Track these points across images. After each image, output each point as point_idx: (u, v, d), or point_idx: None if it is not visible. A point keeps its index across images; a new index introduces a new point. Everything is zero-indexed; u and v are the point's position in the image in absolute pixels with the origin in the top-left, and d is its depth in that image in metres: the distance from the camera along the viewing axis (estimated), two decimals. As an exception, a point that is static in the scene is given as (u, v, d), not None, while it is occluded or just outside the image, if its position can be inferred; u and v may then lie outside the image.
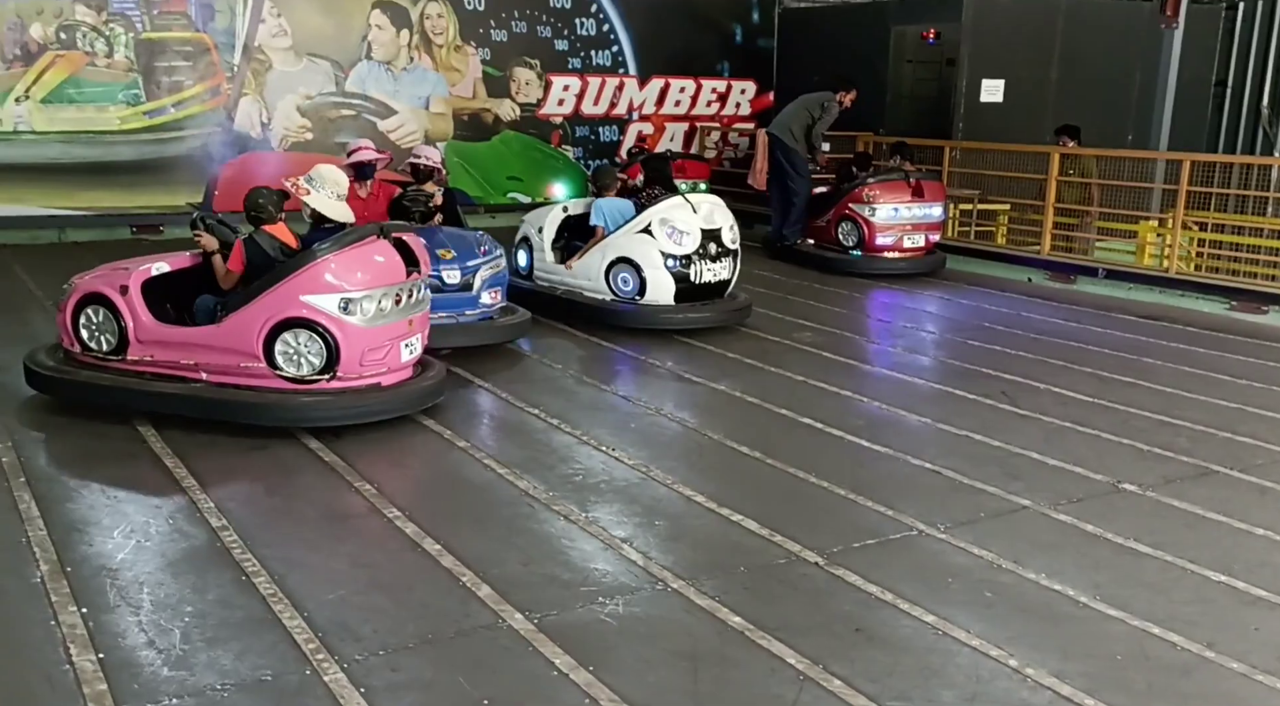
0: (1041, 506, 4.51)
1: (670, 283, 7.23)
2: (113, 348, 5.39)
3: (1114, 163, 9.95)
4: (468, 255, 6.56)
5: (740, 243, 7.69)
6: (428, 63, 12.66)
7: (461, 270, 6.47)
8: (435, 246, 6.23)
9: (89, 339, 5.46)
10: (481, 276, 6.56)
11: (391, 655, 3.20)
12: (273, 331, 5.06)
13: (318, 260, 5.10)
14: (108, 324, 5.41)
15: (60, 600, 3.45)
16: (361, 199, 7.00)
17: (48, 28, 10.74)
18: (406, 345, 5.38)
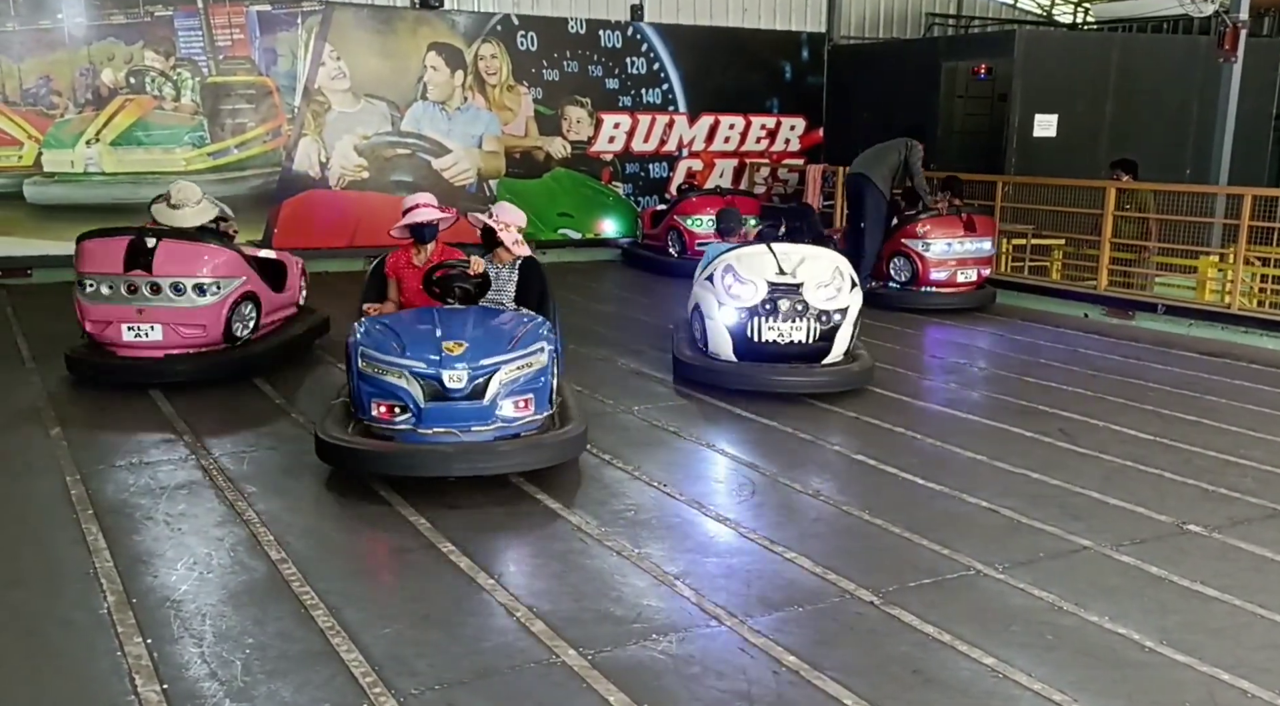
0: (1103, 547, 4.42)
1: (726, 337, 6.68)
2: None
3: (1173, 197, 9.81)
4: (486, 349, 4.91)
5: (848, 305, 6.73)
6: (481, 102, 12.91)
7: (470, 371, 4.83)
8: (445, 337, 4.91)
9: None
10: (500, 380, 4.88)
11: (446, 690, 3.22)
12: None
13: None
14: None
15: (126, 631, 3.53)
16: (417, 267, 5.78)
17: (118, 73, 11.15)
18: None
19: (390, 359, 4.89)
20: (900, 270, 9.93)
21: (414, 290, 5.66)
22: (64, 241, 10.99)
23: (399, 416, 4.87)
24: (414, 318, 5.22)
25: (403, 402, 4.84)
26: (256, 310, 7.17)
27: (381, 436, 4.96)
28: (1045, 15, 18.29)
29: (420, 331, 5.01)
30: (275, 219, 11.95)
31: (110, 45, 11.11)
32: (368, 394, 4.94)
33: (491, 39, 12.87)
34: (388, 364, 4.89)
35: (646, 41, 13.77)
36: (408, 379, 4.84)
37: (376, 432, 4.98)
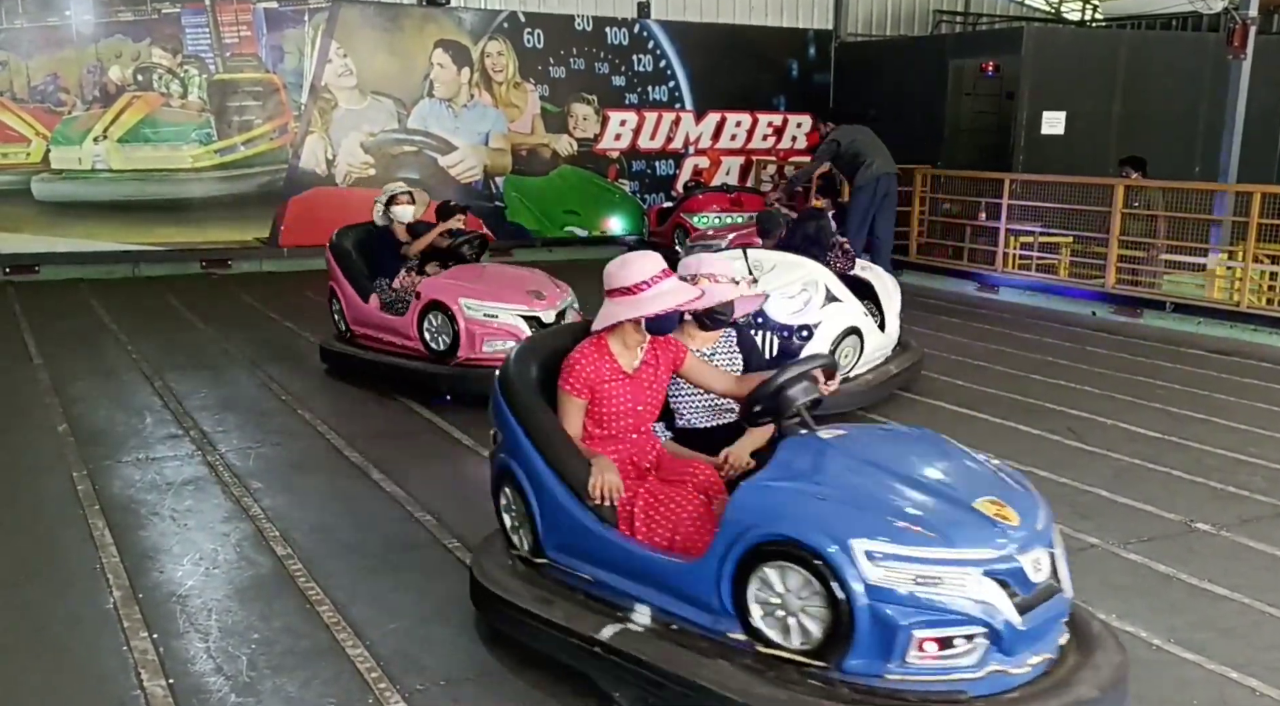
0: (1111, 545, 4.40)
1: None
2: None
3: (1181, 195, 9.77)
4: (1020, 502, 2.88)
5: (827, 322, 6.07)
6: (488, 99, 12.91)
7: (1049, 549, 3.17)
8: (973, 492, 2.96)
9: None
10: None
11: (452, 686, 3.22)
12: None
13: None
14: None
15: (132, 626, 3.53)
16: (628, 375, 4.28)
17: (125, 70, 11.18)
18: None
19: (937, 553, 2.67)
20: None
21: (622, 412, 3.35)
22: (72, 238, 11.09)
23: (961, 652, 2.69)
24: (813, 463, 2.96)
25: (980, 625, 2.67)
26: None
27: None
28: (1053, 12, 18.23)
29: (893, 488, 2.86)
30: (282, 216, 11.97)
31: (118, 43, 11.13)
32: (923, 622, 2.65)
33: (498, 36, 12.87)
34: (939, 564, 2.66)
35: (653, 39, 13.75)
36: (977, 582, 2.68)
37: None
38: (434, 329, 6.39)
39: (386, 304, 6.72)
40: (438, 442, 5.73)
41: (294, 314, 9.20)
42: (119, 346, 7.91)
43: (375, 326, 6.79)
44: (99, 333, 8.43)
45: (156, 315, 9.20)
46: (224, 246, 11.76)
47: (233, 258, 11.77)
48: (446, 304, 6.29)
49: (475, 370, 6.13)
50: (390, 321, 6.64)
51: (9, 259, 10.84)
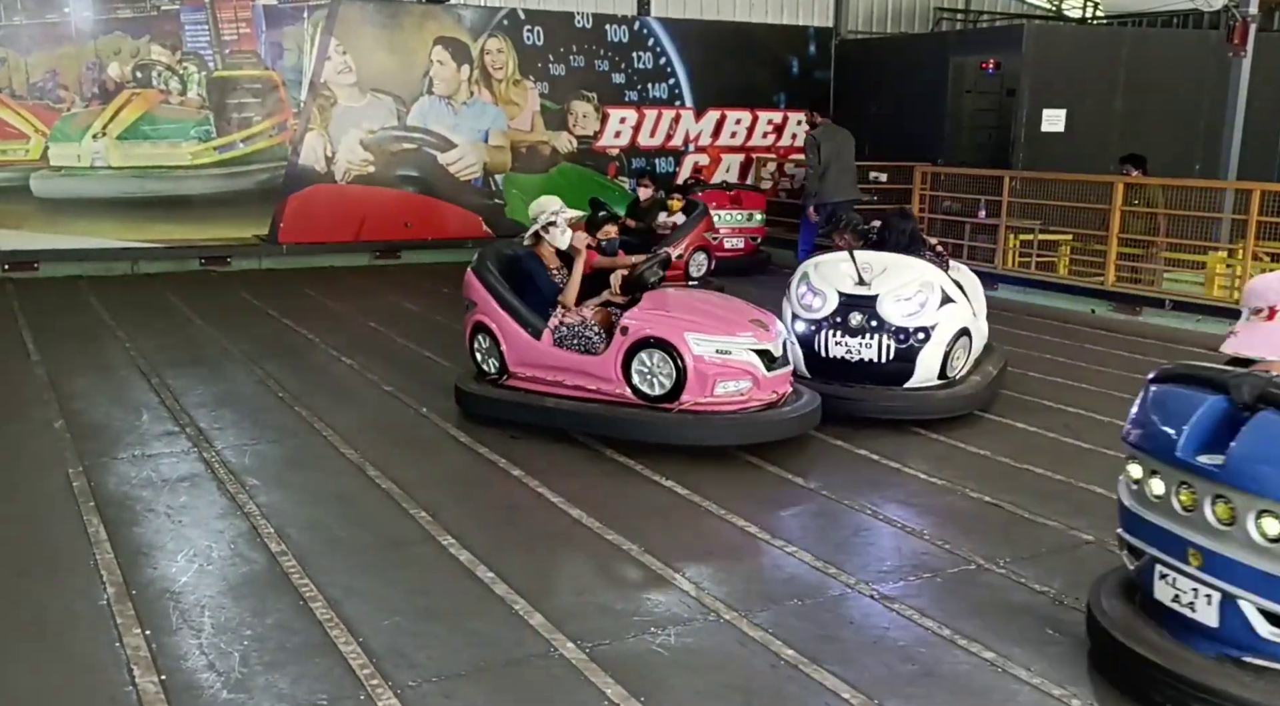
0: (1108, 542, 4.39)
1: (796, 348, 6.07)
2: None
3: (1181, 193, 9.75)
4: None
5: (937, 321, 5.99)
6: (487, 97, 12.90)
7: None
8: None
9: None
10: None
11: (445, 682, 3.21)
12: None
13: None
14: None
15: (125, 622, 3.53)
16: None
17: (124, 67, 11.18)
18: None
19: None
20: None
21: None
22: (70, 235, 11.09)
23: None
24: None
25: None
26: None
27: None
28: (1054, 10, 18.21)
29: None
30: (281, 214, 11.97)
31: (117, 39, 11.13)
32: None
33: (498, 34, 12.86)
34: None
35: (653, 36, 13.74)
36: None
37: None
38: (647, 370, 5.33)
39: (561, 340, 5.67)
40: (435, 439, 5.73)
41: (293, 311, 9.21)
42: (117, 343, 7.92)
43: (551, 367, 5.68)
44: (97, 329, 8.44)
45: (155, 312, 9.20)
46: (223, 243, 11.76)
47: (232, 255, 11.77)
48: (668, 340, 5.26)
49: (703, 417, 5.25)
50: (578, 362, 5.57)
51: (8, 255, 10.85)
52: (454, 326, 8.73)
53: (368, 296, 10.19)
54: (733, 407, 5.32)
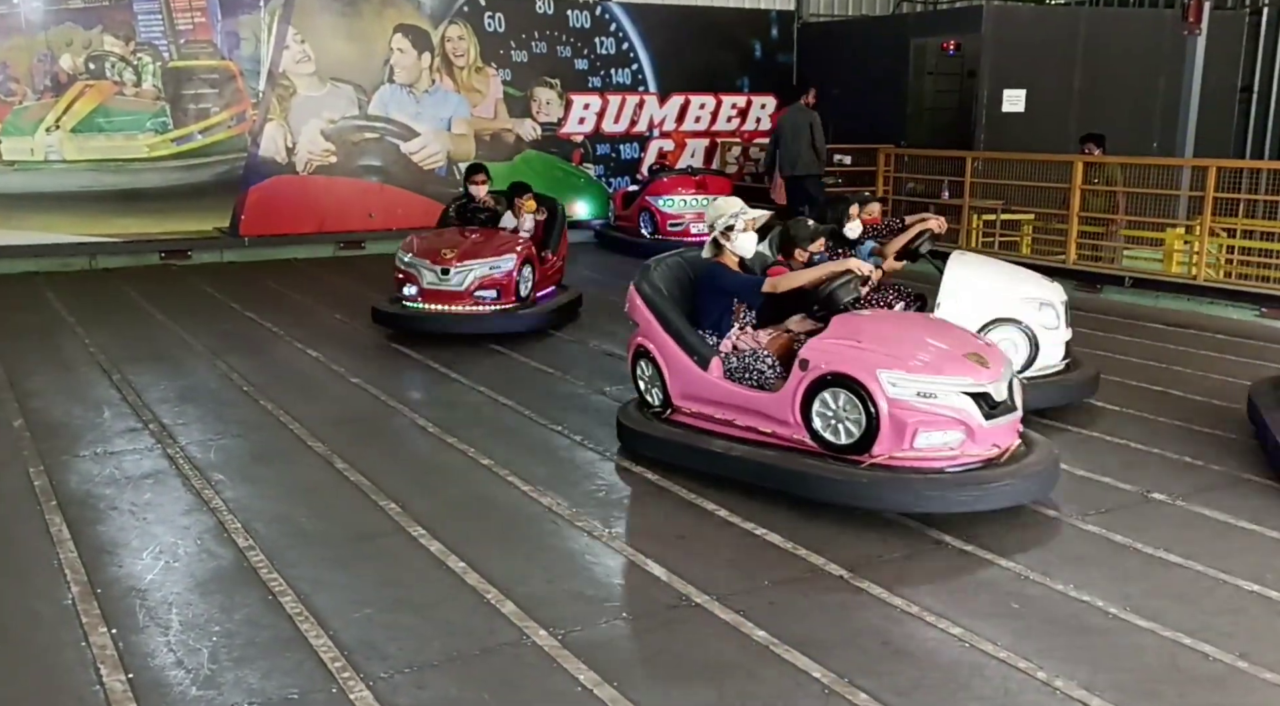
0: (1069, 517, 4.46)
1: None
2: None
3: (1140, 170, 9.88)
4: None
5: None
6: (449, 84, 12.79)
7: None
8: None
9: None
10: None
11: (417, 673, 3.21)
12: None
13: None
14: None
15: (91, 621, 3.50)
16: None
17: (77, 58, 10.97)
18: None
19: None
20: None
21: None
22: (26, 231, 10.89)
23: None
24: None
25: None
26: None
27: None
28: (1013, -10, 18.28)
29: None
30: (242, 206, 11.82)
31: (68, 30, 10.92)
32: None
33: (458, 20, 12.75)
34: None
35: (615, 21, 13.68)
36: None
37: None
38: (831, 413, 4.45)
39: (732, 372, 4.86)
40: (403, 430, 5.70)
41: (255, 304, 9.11)
42: (76, 340, 7.80)
43: (720, 403, 4.86)
44: (55, 326, 8.30)
45: (115, 307, 9.07)
46: (183, 237, 11.60)
47: (193, 248, 11.61)
48: (856, 378, 4.35)
49: (900, 477, 4.30)
50: (751, 399, 4.73)
51: (-39, 253, 10.63)
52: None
53: (332, 288, 10.10)
54: (938, 465, 4.33)
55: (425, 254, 7.75)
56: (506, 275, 7.74)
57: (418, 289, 7.71)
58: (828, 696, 3.09)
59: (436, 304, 7.67)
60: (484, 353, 7.38)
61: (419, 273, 7.70)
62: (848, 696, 3.08)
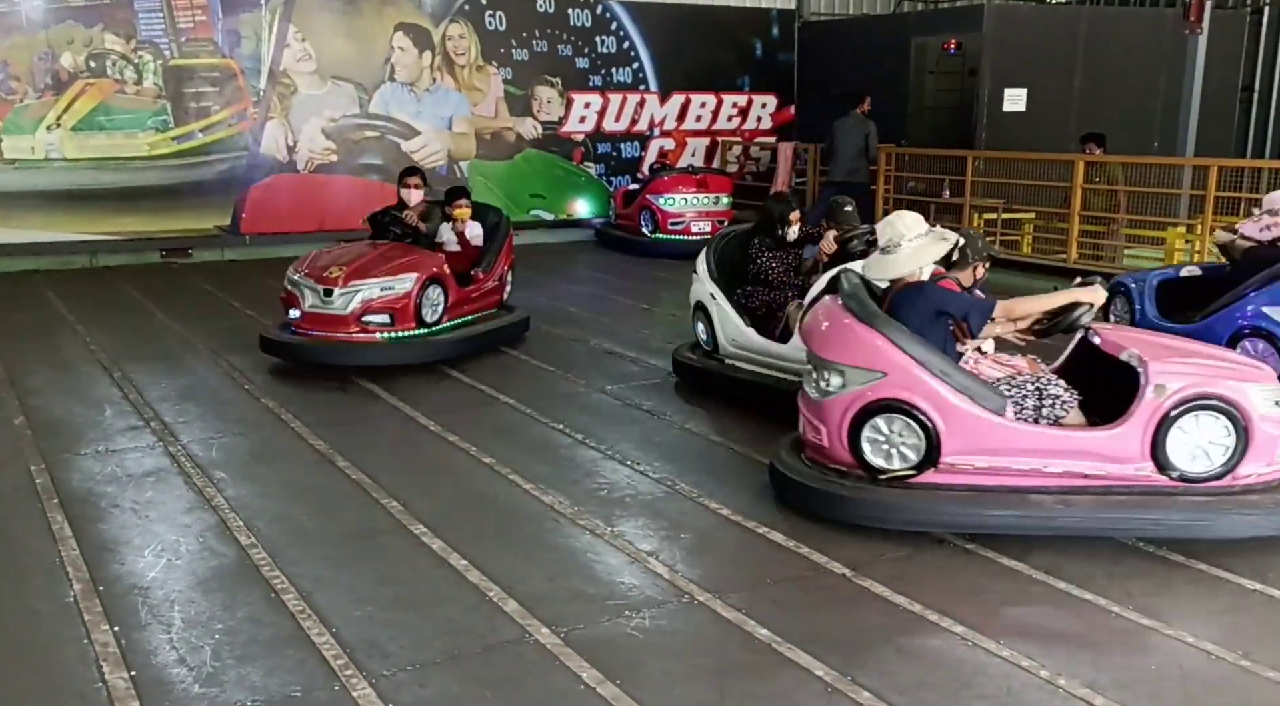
0: (1072, 516, 4.45)
1: None
2: None
3: (1141, 169, 9.87)
4: None
5: None
6: (450, 83, 12.78)
7: None
8: None
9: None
10: None
11: (419, 671, 3.21)
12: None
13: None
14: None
15: (93, 619, 3.49)
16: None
17: (78, 56, 10.95)
18: None
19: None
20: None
21: None
22: (26, 229, 10.88)
23: None
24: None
25: None
26: None
27: None
28: (1014, -11, 18.28)
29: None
30: (243, 204, 11.81)
31: (69, 28, 10.90)
32: None
33: (459, 19, 12.73)
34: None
35: (616, 20, 13.67)
36: None
37: None
38: (1193, 440, 4.06)
39: (1021, 411, 4.20)
40: (403, 429, 5.70)
41: (256, 302, 9.09)
42: (77, 338, 7.79)
43: (1023, 451, 4.13)
44: (56, 324, 8.29)
45: (115, 306, 9.06)
46: (184, 235, 11.58)
47: (193, 246, 11.60)
48: (1228, 397, 4.03)
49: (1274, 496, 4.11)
50: (1077, 440, 4.13)
51: (-38, 251, 10.62)
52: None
53: (333, 286, 10.07)
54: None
55: (313, 272, 6.78)
56: (403, 297, 6.64)
57: (300, 313, 6.73)
58: (830, 694, 3.09)
59: (318, 329, 6.67)
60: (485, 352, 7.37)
61: (301, 293, 6.73)
62: (850, 694, 3.08)
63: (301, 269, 6.91)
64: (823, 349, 4.30)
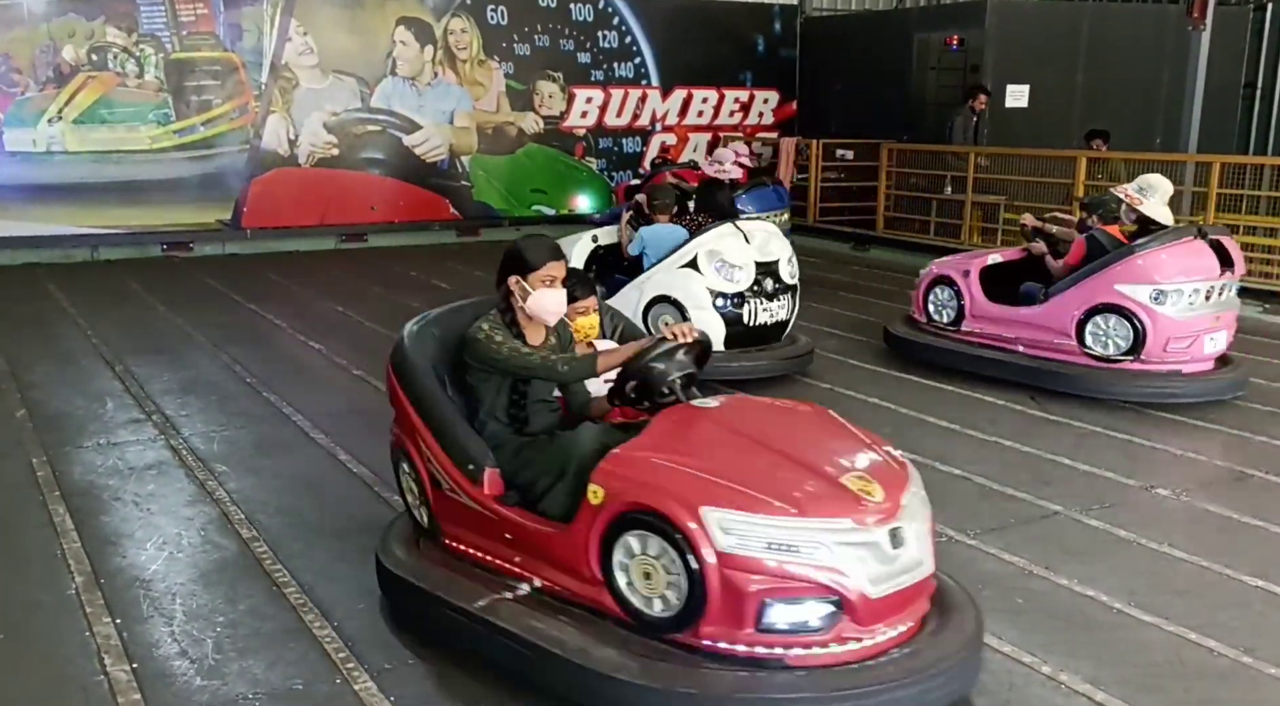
0: (1073, 512, 4.46)
1: (720, 325, 6.23)
2: (952, 320, 6.67)
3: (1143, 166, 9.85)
4: None
5: (798, 275, 6.67)
6: (452, 78, 12.77)
7: None
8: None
9: (934, 312, 6.82)
10: None
11: (421, 664, 3.21)
12: (1090, 313, 6.02)
13: (1134, 255, 5.93)
14: (951, 301, 6.73)
15: (95, 612, 3.49)
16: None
17: (79, 49, 10.94)
18: (1210, 338, 5.97)
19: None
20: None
21: None
22: (27, 222, 10.88)
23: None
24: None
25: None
26: None
27: None
28: (1017, -14, 18.22)
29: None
30: (244, 198, 11.81)
31: (70, 21, 10.89)
32: None
33: (461, 13, 12.72)
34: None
35: (618, 14, 13.65)
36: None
37: None
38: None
39: None
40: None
41: (258, 296, 9.10)
42: (78, 331, 7.79)
43: None
44: (57, 318, 8.29)
45: (116, 299, 9.05)
46: (185, 229, 11.58)
47: (194, 240, 11.60)
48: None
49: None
50: None
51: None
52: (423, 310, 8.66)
53: (334, 281, 10.09)
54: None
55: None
56: None
57: None
58: (832, 689, 3.08)
59: None
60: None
61: None
62: (852, 689, 3.07)
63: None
64: None
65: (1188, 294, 5.92)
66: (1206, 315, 5.98)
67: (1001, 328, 6.48)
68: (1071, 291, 6.17)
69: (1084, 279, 6.13)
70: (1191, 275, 5.94)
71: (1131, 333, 5.96)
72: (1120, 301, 5.97)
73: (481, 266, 10.37)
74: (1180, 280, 5.91)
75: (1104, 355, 6.07)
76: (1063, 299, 6.19)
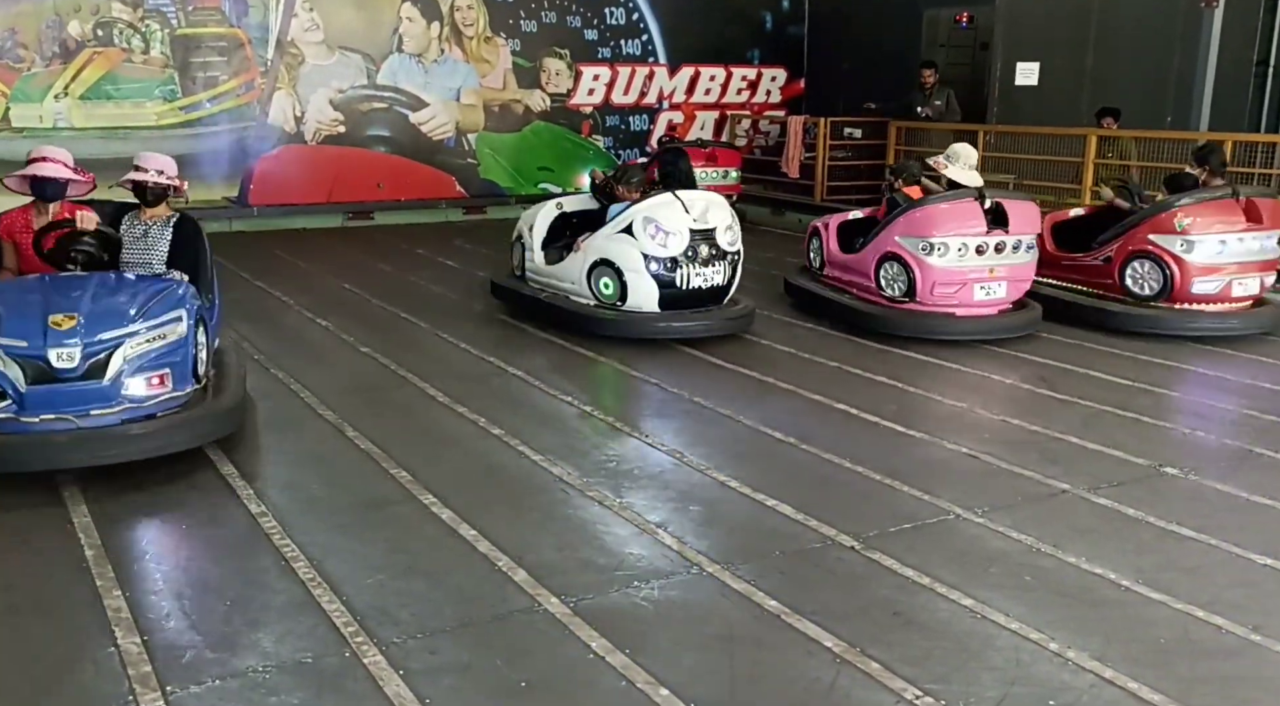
0: (1081, 490, 4.45)
1: (653, 288, 6.64)
2: (818, 266, 7.93)
3: (1154, 144, 9.79)
4: (105, 322, 4.37)
5: (740, 243, 6.97)
6: (458, 54, 12.70)
7: (84, 347, 4.28)
8: (52, 309, 4.36)
9: (812, 260, 8.07)
10: (124, 355, 4.36)
11: (430, 638, 3.22)
12: (880, 261, 7.10)
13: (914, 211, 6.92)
14: (819, 250, 7.92)
15: (105, 584, 3.51)
16: (35, 230, 5.06)
17: (85, 25, 10.89)
18: (981, 287, 6.87)
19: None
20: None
21: (33, 256, 4.92)
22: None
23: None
24: (19, 288, 4.63)
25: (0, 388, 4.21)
26: None
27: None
28: (1028, -38, 18.04)
29: (25, 303, 4.40)
30: (251, 175, 11.78)
31: (76, -4, 10.83)
32: None
33: (467, -11, 12.62)
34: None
35: (625, -9, 13.55)
36: (4, 361, 4.22)
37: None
38: None
39: None
40: (413, 399, 5.70)
41: (265, 273, 9.10)
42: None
43: None
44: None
45: (124, 276, 9.04)
46: (191, 206, 11.53)
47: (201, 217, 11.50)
48: None
49: None
50: None
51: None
52: (429, 287, 8.68)
53: (341, 258, 10.08)
54: None
55: None
56: None
57: None
58: (839, 666, 3.09)
59: None
60: (491, 323, 7.37)
61: None
62: (859, 665, 3.09)
63: None
64: None
65: (954, 247, 6.77)
66: (978, 266, 6.85)
67: (840, 271, 7.66)
68: (873, 243, 7.22)
69: (879, 232, 7.17)
70: (963, 230, 6.78)
71: (906, 278, 6.93)
72: (898, 250, 6.96)
73: (488, 244, 10.35)
74: (950, 234, 6.77)
75: (891, 296, 7.08)
76: (868, 249, 7.25)
